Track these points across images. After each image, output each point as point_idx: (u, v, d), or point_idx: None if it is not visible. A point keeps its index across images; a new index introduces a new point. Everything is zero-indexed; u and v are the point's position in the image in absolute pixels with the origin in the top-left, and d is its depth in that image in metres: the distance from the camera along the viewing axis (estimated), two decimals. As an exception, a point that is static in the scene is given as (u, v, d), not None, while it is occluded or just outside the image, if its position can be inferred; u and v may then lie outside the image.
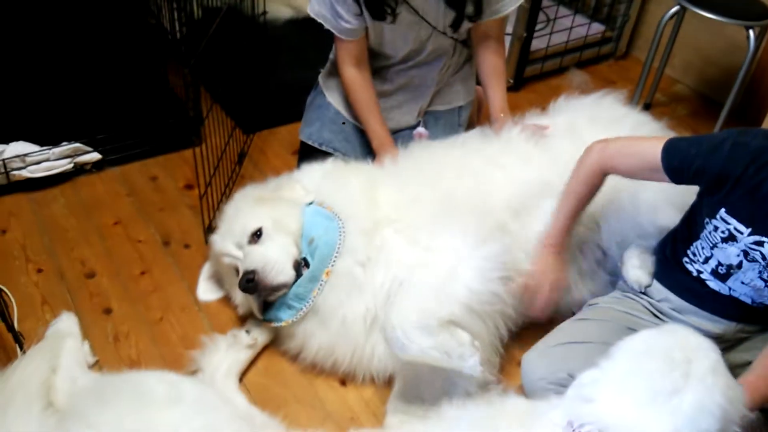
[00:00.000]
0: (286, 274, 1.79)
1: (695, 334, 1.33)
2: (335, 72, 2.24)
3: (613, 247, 1.95)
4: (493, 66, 2.22)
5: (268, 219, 1.85)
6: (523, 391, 1.73)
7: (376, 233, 1.86)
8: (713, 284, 1.67)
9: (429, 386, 1.74)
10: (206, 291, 2.01)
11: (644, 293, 1.81)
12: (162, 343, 1.91)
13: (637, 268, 1.82)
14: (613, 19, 3.42)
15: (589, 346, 1.67)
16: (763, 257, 1.54)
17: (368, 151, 2.22)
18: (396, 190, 1.95)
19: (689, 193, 1.70)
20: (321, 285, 1.80)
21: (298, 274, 1.81)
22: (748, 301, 1.65)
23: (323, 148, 2.26)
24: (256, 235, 1.83)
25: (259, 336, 1.90)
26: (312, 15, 2.09)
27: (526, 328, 1.95)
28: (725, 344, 1.72)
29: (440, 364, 1.65)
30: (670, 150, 1.58)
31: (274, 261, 1.78)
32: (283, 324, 1.85)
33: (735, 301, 1.66)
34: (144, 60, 2.94)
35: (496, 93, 2.22)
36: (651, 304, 1.79)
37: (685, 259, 1.70)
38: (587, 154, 1.74)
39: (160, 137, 2.56)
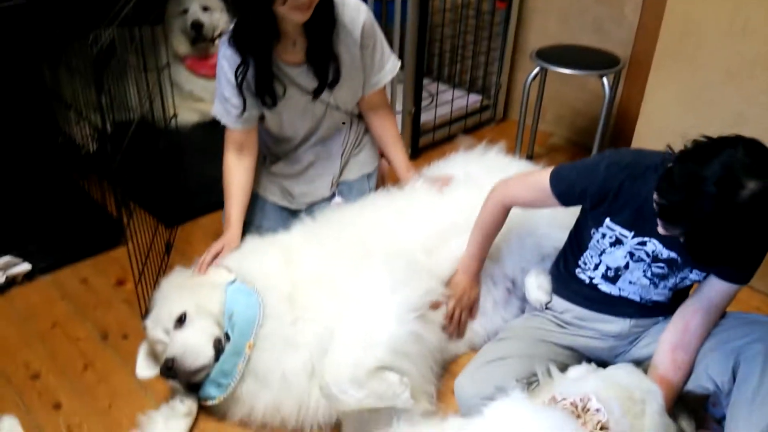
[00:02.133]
0: (205, 356, 1.89)
1: (647, 378, 1.70)
2: None
3: (519, 275, 2.20)
4: (388, 133, 2.47)
5: (190, 303, 1.97)
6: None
7: (302, 293, 2.01)
8: (605, 287, 1.92)
9: (374, 423, 1.87)
10: (144, 368, 2.05)
11: (548, 308, 2.06)
12: (114, 429, 1.98)
13: (536, 288, 2.07)
14: (488, 89, 3.82)
15: (510, 361, 1.89)
16: (647, 255, 1.79)
17: (287, 224, 2.38)
18: (316, 249, 2.13)
19: (575, 215, 1.98)
20: (245, 358, 1.91)
21: (220, 351, 1.92)
22: (637, 298, 1.90)
23: (246, 228, 2.39)
24: (181, 320, 1.95)
25: (192, 404, 1.97)
26: (213, 114, 2.28)
27: (456, 362, 2.16)
28: (624, 341, 1.97)
29: (377, 406, 1.81)
30: (556, 177, 1.85)
31: (192, 346, 1.89)
32: (216, 402, 1.94)
33: (625, 300, 1.91)
34: (63, 173, 3.08)
35: (398, 155, 2.47)
36: (555, 317, 2.03)
37: (578, 269, 1.96)
38: (491, 192, 2.02)
39: (87, 241, 2.68)
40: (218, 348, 1.92)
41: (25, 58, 3.16)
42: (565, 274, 2.01)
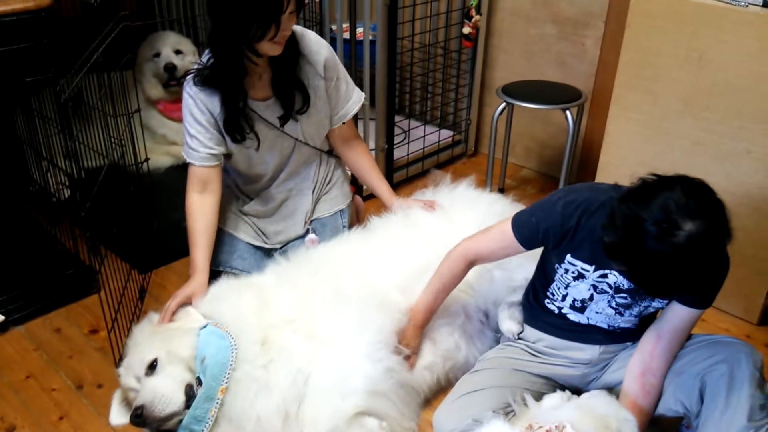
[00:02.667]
0: (174, 403, 1.87)
1: (623, 407, 1.74)
2: (222, 201, 2.41)
3: (491, 307, 2.23)
4: (364, 163, 2.52)
5: (161, 350, 1.95)
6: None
7: (275, 335, 2.00)
8: (573, 317, 1.95)
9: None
10: (118, 415, 2.01)
11: (521, 338, 2.08)
12: (90, 480, 1.96)
13: (508, 319, 2.10)
14: (459, 124, 3.89)
15: (486, 392, 1.91)
16: (610, 287, 1.83)
17: (261, 264, 2.39)
18: (289, 291, 2.12)
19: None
20: (217, 403, 1.90)
21: (192, 397, 1.90)
22: (605, 326, 1.94)
23: (220, 269, 2.42)
24: (152, 367, 1.94)
25: None
26: (183, 155, 2.29)
27: (435, 397, 2.16)
28: (595, 368, 2.00)
29: None
30: (517, 225, 1.89)
31: (161, 394, 1.87)
32: None
33: (594, 327, 1.94)
34: (34, 223, 3.07)
35: (377, 183, 2.52)
36: (528, 346, 2.05)
37: (546, 300, 1.99)
38: (455, 247, 2.04)
39: (59, 290, 2.66)
40: (189, 394, 1.91)
41: (-3, 107, 3.17)
42: (535, 305, 2.04)
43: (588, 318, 1.94)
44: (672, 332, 1.82)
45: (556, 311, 1.98)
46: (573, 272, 1.87)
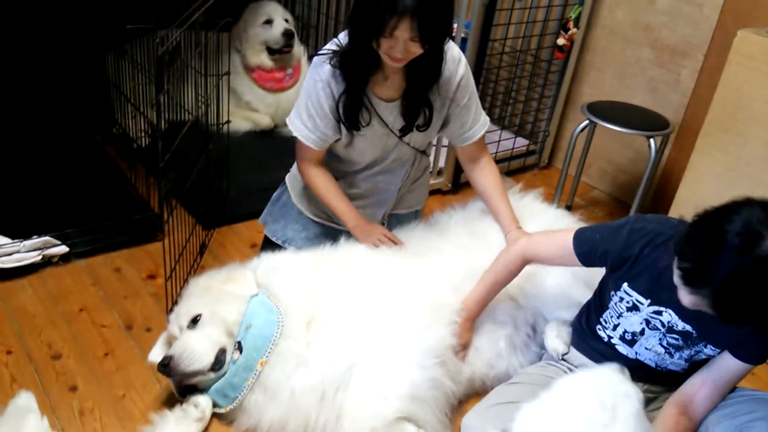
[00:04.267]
0: (201, 362, 1.92)
1: (624, 381, 1.57)
2: (299, 175, 2.40)
3: (541, 323, 2.21)
4: (490, 185, 2.38)
5: (207, 308, 2.01)
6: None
7: (325, 316, 2.02)
8: (622, 349, 1.91)
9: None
10: (157, 354, 2.07)
11: (564, 360, 2.05)
12: (125, 418, 2.02)
13: (555, 338, 2.07)
14: (536, 135, 3.85)
15: (519, 405, 1.88)
16: (662, 324, 1.79)
17: (326, 243, 2.34)
18: (347, 276, 2.14)
19: (595, 270, 1.97)
20: (256, 374, 1.94)
21: (222, 361, 1.95)
22: (652, 365, 1.89)
23: (285, 246, 2.44)
24: (195, 321, 1.99)
25: (207, 409, 1.98)
26: (288, 124, 2.25)
27: (466, 400, 2.15)
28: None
29: None
30: (579, 238, 1.88)
31: (191, 350, 1.92)
32: (222, 411, 1.98)
33: (641, 364, 1.90)
34: (109, 162, 3.19)
35: (500, 207, 2.34)
36: (570, 369, 2.01)
37: (598, 327, 1.96)
38: (513, 243, 2.05)
39: (125, 232, 2.76)
40: (220, 358, 1.95)
41: (91, 47, 3.29)
42: (586, 329, 2.01)
43: (636, 353, 1.90)
44: (718, 382, 1.77)
45: (606, 339, 1.94)
46: (628, 302, 1.84)
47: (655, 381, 1.93)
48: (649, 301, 1.79)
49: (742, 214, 1.46)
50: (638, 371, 1.91)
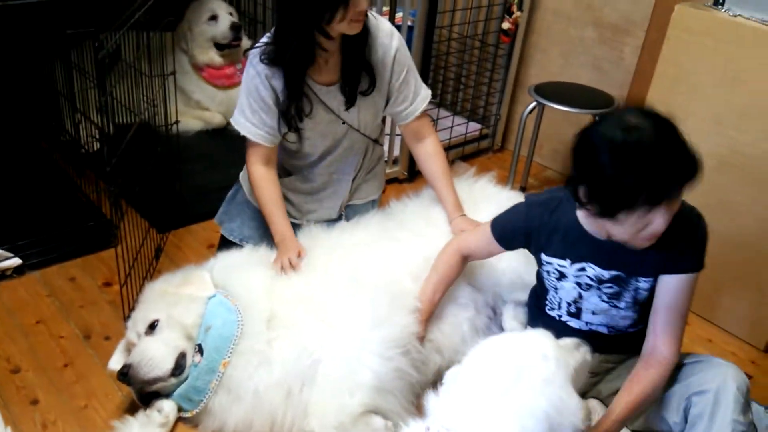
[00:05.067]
0: (160, 369, 1.91)
1: (547, 345, 1.54)
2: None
3: (500, 305, 2.25)
4: (434, 167, 2.39)
5: (164, 313, 1.99)
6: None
7: (285, 311, 2.02)
8: (573, 323, 1.96)
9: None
10: (116, 362, 2.05)
11: (523, 339, 2.09)
12: (88, 428, 2.00)
13: (512, 319, 2.13)
14: (488, 119, 3.88)
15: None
16: (591, 279, 1.85)
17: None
18: (304, 270, 2.14)
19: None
20: (219, 376, 1.93)
21: (183, 366, 1.94)
22: (605, 331, 1.94)
23: (243, 244, 2.41)
24: (152, 327, 1.98)
25: (170, 413, 1.97)
26: (233, 124, 2.24)
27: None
28: (595, 377, 2.00)
29: None
30: (494, 225, 2.00)
31: (149, 357, 1.91)
32: (188, 415, 1.97)
33: (595, 333, 1.95)
34: (58, 170, 3.13)
35: (447, 194, 2.35)
36: (528, 347, 2.06)
37: (547, 307, 2.01)
38: (451, 240, 2.14)
39: (78, 240, 2.72)
40: (180, 363, 1.94)
41: (36, 56, 3.22)
42: (538, 311, 2.06)
43: (587, 323, 1.94)
44: (668, 306, 1.78)
45: (557, 318, 1.99)
46: (554, 272, 1.91)
47: (612, 349, 1.97)
48: (568, 261, 1.86)
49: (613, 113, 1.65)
50: (593, 342, 1.94)
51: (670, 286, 1.77)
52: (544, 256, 1.90)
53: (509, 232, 1.96)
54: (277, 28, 2.09)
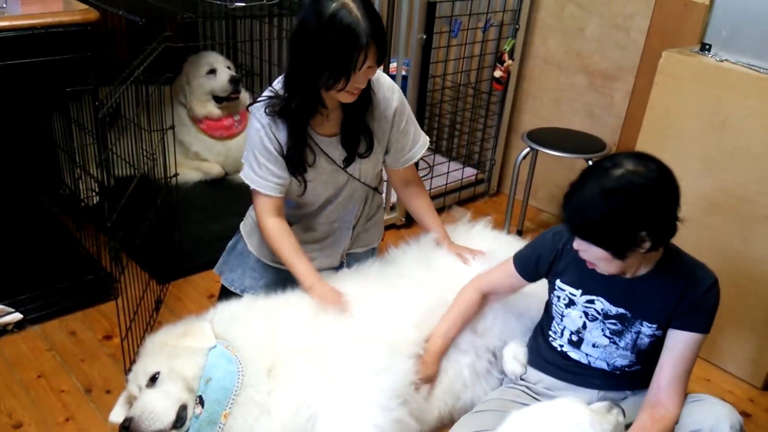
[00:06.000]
0: (162, 422, 1.89)
1: (582, 410, 1.63)
2: (255, 223, 2.39)
3: (499, 348, 2.24)
4: (422, 207, 2.52)
5: (164, 365, 1.99)
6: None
7: (284, 361, 2.01)
8: (574, 354, 1.99)
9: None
10: (118, 414, 2.04)
11: (523, 380, 2.10)
12: (90, 483, 2.00)
13: (512, 360, 2.13)
14: (483, 164, 3.94)
15: (484, 434, 1.93)
16: (598, 312, 1.89)
17: (283, 286, 2.33)
18: (305, 319, 2.12)
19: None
20: (220, 427, 1.93)
21: (184, 418, 1.93)
22: (604, 365, 1.97)
23: (244, 295, 2.40)
24: (153, 379, 1.97)
25: None
26: (243, 179, 2.24)
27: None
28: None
29: None
30: (516, 258, 2.07)
31: (150, 410, 1.90)
32: None
33: (594, 369, 1.98)
34: (57, 224, 3.16)
35: (435, 228, 2.49)
36: (529, 388, 2.08)
37: (550, 338, 2.04)
38: (469, 282, 2.18)
39: (78, 294, 2.74)
40: (182, 415, 1.93)
41: (36, 111, 3.28)
42: (541, 344, 2.08)
43: (587, 355, 1.97)
44: (674, 361, 1.82)
45: (558, 348, 2.02)
46: (564, 298, 1.95)
47: (609, 386, 1.99)
48: (580, 291, 1.91)
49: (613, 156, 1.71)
50: (592, 378, 2.00)
51: (677, 341, 1.82)
52: (558, 282, 1.96)
53: (534, 261, 2.01)
54: (286, 82, 2.13)
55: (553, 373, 2.04)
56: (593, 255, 1.74)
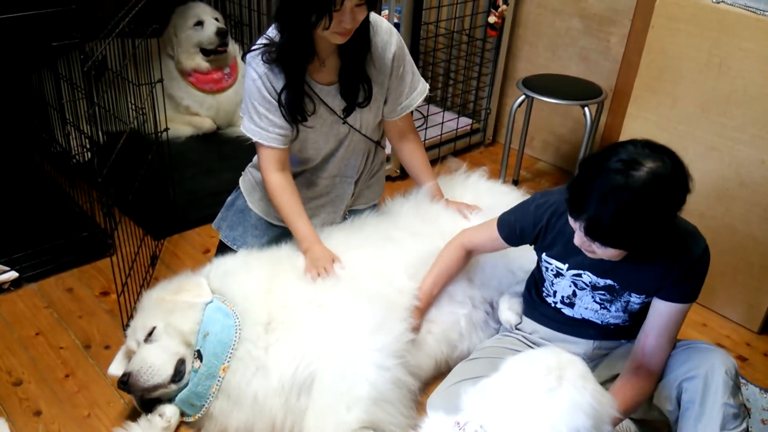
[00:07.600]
0: (160, 376, 1.92)
1: (568, 353, 1.60)
2: (256, 180, 2.38)
3: (496, 299, 2.26)
4: (417, 160, 2.46)
5: (161, 320, 2.00)
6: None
7: (286, 315, 2.02)
8: (567, 311, 2.00)
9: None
10: (116, 368, 2.06)
11: (518, 329, 2.12)
12: (92, 437, 2.02)
13: (507, 310, 2.15)
14: (478, 113, 3.89)
15: (480, 380, 1.93)
16: (586, 284, 1.89)
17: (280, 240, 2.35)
18: (301, 273, 2.13)
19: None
20: (219, 381, 1.94)
21: (182, 372, 1.95)
22: (598, 321, 1.97)
23: (240, 250, 2.38)
24: (151, 335, 1.99)
25: (173, 417, 1.98)
26: (244, 132, 2.21)
27: (431, 381, 2.19)
28: (590, 364, 2.02)
29: None
30: (500, 223, 2.03)
31: (149, 365, 1.92)
32: (190, 420, 1.99)
33: (588, 322, 1.99)
34: (50, 182, 3.14)
35: (428, 182, 2.45)
36: (525, 337, 2.09)
37: (544, 293, 2.04)
38: (456, 235, 2.15)
39: (74, 251, 2.73)
40: (180, 369, 1.95)
41: (24, 68, 3.23)
42: (535, 298, 2.08)
43: (580, 313, 1.98)
44: (658, 329, 1.82)
45: (552, 305, 2.03)
46: (552, 270, 1.95)
47: (604, 337, 2.01)
48: (567, 265, 1.90)
49: (627, 147, 1.59)
50: (586, 330, 2.02)
51: (663, 311, 1.81)
52: (544, 256, 1.95)
53: (517, 230, 1.98)
54: (277, 24, 2.08)
55: (547, 324, 2.06)
56: (606, 254, 1.68)
